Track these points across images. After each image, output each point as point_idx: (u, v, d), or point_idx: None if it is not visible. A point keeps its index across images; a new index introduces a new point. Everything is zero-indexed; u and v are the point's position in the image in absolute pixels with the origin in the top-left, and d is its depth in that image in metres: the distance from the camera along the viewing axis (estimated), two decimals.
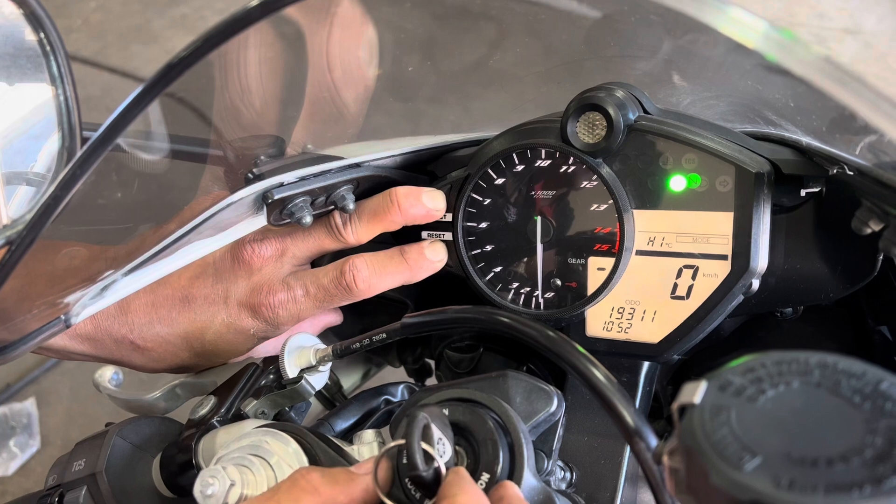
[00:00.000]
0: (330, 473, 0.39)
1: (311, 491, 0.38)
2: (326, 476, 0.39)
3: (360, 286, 0.57)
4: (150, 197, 0.65)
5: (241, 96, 0.59)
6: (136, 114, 0.34)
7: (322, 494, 0.38)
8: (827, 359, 0.29)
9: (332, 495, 0.38)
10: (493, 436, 0.42)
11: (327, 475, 0.39)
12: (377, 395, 0.63)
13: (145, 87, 0.33)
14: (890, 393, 0.27)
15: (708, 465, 0.26)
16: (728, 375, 0.29)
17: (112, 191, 0.63)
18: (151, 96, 0.33)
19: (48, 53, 0.55)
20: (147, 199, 0.64)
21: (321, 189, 0.53)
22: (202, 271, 0.57)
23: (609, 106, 0.53)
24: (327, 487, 0.38)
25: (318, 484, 0.38)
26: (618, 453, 0.56)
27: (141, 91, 0.33)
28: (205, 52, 0.32)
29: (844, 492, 0.24)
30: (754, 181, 0.51)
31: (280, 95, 0.63)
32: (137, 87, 0.36)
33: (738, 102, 0.57)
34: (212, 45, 0.32)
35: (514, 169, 0.57)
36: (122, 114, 0.34)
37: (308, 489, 0.38)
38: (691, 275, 0.53)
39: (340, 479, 0.39)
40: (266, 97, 0.60)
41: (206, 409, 0.53)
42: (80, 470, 0.50)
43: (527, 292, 0.59)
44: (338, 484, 0.38)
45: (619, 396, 0.38)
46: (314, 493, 0.37)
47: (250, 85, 0.59)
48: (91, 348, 0.57)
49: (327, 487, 0.38)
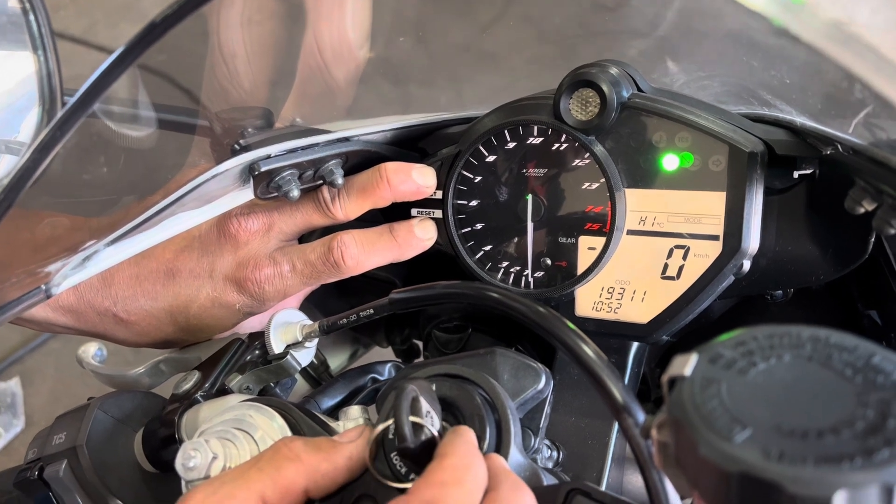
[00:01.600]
0: (313, 442, 0.38)
1: (293, 458, 0.37)
2: (309, 444, 0.38)
3: (348, 263, 0.56)
4: (135, 169, 0.64)
5: (230, 76, 0.58)
6: (116, 75, 0.33)
7: (304, 462, 0.37)
8: (819, 333, 0.28)
9: (314, 463, 0.37)
10: (481, 411, 0.41)
11: (310, 443, 0.38)
12: (364, 373, 0.62)
13: (126, 47, 0.32)
14: (881, 366, 0.27)
15: (697, 436, 0.26)
16: (719, 348, 0.29)
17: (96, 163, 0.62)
18: (133, 57, 0.33)
19: (27, 14, 0.54)
20: (132, 172, 0.63)
21: (309, 162, 0.52)
22: (187, 245, 0.56)
23: (603, 83, 0.52)
24: (310, 455, 0.37)
25: (300, 451, 0.37)
26: (605, 434, 0.55)
27: (122, 52, 0.33)
28: (189, 10, 0.31)
29: (834, 463, 0.23)
30: (747, 161, 0.50)
31: (270, 73, 0.62)
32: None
33: (732, 83, 0.57)
34: (196, 3, 0.31)
35: (505, 146, 0.57)
36: (102, 75, 0.33)
37: (290, 456, 0.37)
38: (682, 255, 0.53)
39: (323, 446, 0.38)
40: (255, 75, 0.60)
41: (189, 383, 0.52)
42: (61, 443, 0.49)
43: (516, 271, 0.58)
44: (321, 451, 0.38)
45: (608, 372, 0.38)
46: (296, 461, 0.37)
47: (238, 66, 0.58)
48: (73, 321, 0.56)
49: (310, 455, 0.37)
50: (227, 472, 0.38)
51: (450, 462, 0.35)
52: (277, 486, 0.37)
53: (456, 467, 0.35)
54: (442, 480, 0.34)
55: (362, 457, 0.39)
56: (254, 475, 0.37)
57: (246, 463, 0.38)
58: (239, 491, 0.36)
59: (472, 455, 0.36)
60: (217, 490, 0.36)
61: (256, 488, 0.36)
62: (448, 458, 0.35)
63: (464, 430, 0.38)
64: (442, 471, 0.35)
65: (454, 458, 0.35)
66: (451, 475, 0.34)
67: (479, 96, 0.60)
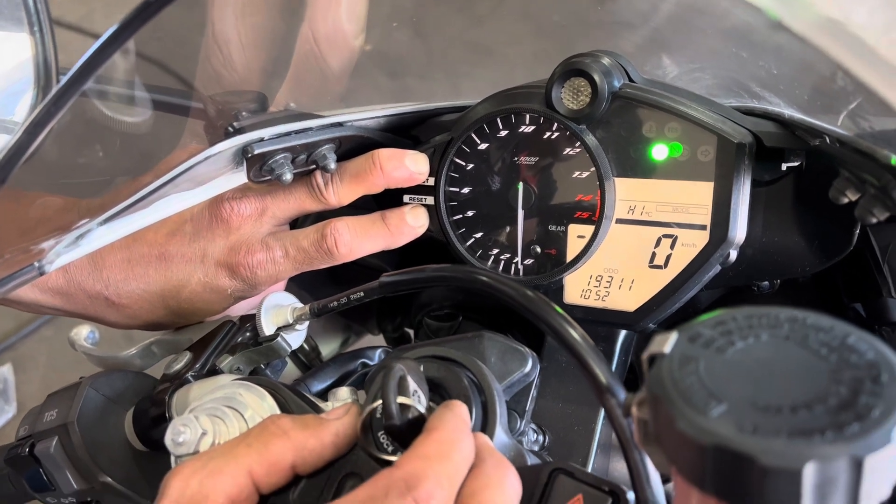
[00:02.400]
0: (301, 419, 0.39)
1: (280, 435, 0.38)
2: (297, 421, 0.39)
3: (341, 250, 0.57)
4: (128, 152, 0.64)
5: (224, 61, 0.58)
6: (111, 52, 0.33)
7: (292, 438, 0.38)
8: (797, 314, 0.29)
9: (302, 439, 0.38)
10: (467, 392, 0.42)
11: (298, 420, 0.39)
12: (354, 358, 0.63)
13: (121, 24, 0.33)
14: (856, 346, 0.27)
15: (674, 411, 0.26)
16: (698, 328, 0.29)
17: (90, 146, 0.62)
18: (127, 34, 0.33)
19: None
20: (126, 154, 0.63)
21: (302, 146, 0.53)
22: (179, 228, 0.56)
23: (594, 72, 0.53)
24: (298, 431, 0.38)
25: (287, 428, 0.38)
26: (591, 420, 0.56)
27: (117, 29, 0.33)
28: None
29: (806, 436, 0.24)
30: (735, 151, 0.51)
31: (265, 60, 0.63)
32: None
33: (722, 75, 0.58)
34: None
35: (497, 134, 0.57)
36: (97, 52, 0.33)
37: (277, 433, 0.38)
38: (670, 244, 0.54)
39: (311, 423, 0.39)
40: (250, 61, 0.60)
41: (180, 364, 0.52)
42: (52, 420, 0.50)
43: (506, 259, 0.59)
44: (308, 428, 0.38)
45: (592, 354, 0.38)
46: (284, 437, 0.37)
47: (232, 54, 0.59)
48: (63, 303, 0.56)
49: (298, 431, 0.38)
50: (216, 448, 0.38)
51: (437, 436, 0.36)
52: (265, 461, 0.37)
53: (443, 441, 0.35)
54: (428, 454, 0.35)
55: (350, 434, 0.40)
56: (242, 450, 0.37)
57: (234, 439, 0.38)
58: (227, 465, 0.37)
59: (460, 430, 0.37)
60: (206, 464, 0.37)
61: (244, 463, 0.37)
62: (436, 432, 0.36)
63: (455, 405, 0.39)
64: (428, 444, 0.35)
65: (442, 432, 0.36)
66: (438, 449, 0.35)
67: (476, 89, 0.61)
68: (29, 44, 0.60)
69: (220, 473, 0.36)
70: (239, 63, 0.59)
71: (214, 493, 0.36)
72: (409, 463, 0.34)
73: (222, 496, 0.36)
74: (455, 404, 0.39)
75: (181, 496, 0.36)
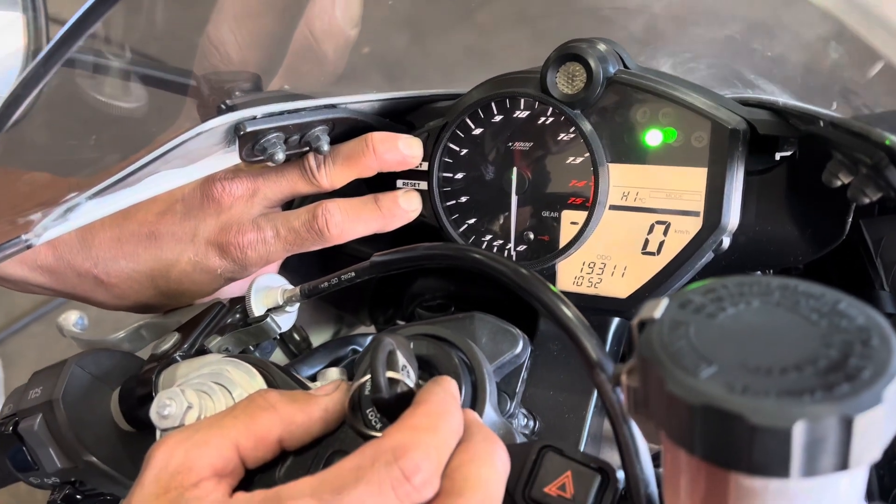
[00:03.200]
0: (289, 393, 0.39)
1: (268, 408, 0.37)
2: (285, 395, 0.38)
3: (332, 231, 0.56)
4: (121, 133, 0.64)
5: (222, 61, 0.58)
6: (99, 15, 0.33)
7: (280, 412, 0.37)
8: (788, 281, 0.29)
9: (290, 413, 0.37)
10: (457, 370, 0.41)
11: (286, 395, 0.38)
12: (345, 344, 0.63)
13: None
14: (847, 311, 0.27)
15: (664, 373, 0.26)
16: (689, 294, 0.29)
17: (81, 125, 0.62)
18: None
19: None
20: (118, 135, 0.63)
21: (295, 127, 0.52)
22: (170, 207, 0.56)
23: (590, 57, 0.53)
24: (285, 405, 0.38)
25: (275, 402, 0.37)
26: (582, 408, 0.56)
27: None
28: None
29: (796, 396, 0.24)
30: (729, 137, 0.51)
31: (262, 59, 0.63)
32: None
33: (717, 64, 0.58)
34: None
35: (492, 119, 0.57)
36: (85, 14, 0.33)
37: (265, 406, 0.37)
38: (663, 230, 0.53)
39: (299, 398, 0.38)
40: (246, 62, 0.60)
41: (168, 344, 0.52)
42: (37, 398, 0.49)
43: (499, 245, 0.59)
44: (296, 402, 0.38)
45: (584, 330, 0.38)
46: (271, 410, 0.37)
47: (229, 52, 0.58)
48: (51, 281, 0.55)
49: (285, 405, 0.38)
50: (202, 420, 0.38)
51: (425, 409, 0.35)
52: (252, 435, 0.37)
53: (431, 413, 0.35)
54: (416, 425, 0.34)
55: (338, 410, 0.39)
56: (228, 422, 0.37)
57: (221, 412, 0.38)
58: (213, 437, 0.36)
59: (449, 403, 0.36)
60: (191, 436, 0.36)
61: (231, 435, 0.36)
62: (424, 404, 0.36)
63: (444, 380, 0.38)
64: (417, 416, 0.35)
65: (430, 405, 0.36)
66: (426, 421, 0.34)
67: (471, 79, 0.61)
68: (21, 22, 0.60)
69: (205, 445, 0.36)
70: (237, 61, 0.59)
71: (199, 465, 0.35)
72: (397, 434, 0.34)
73: (208, 468, 0.35)
74: (444, 379, 0.39)
75: (165, 467, 0.35)
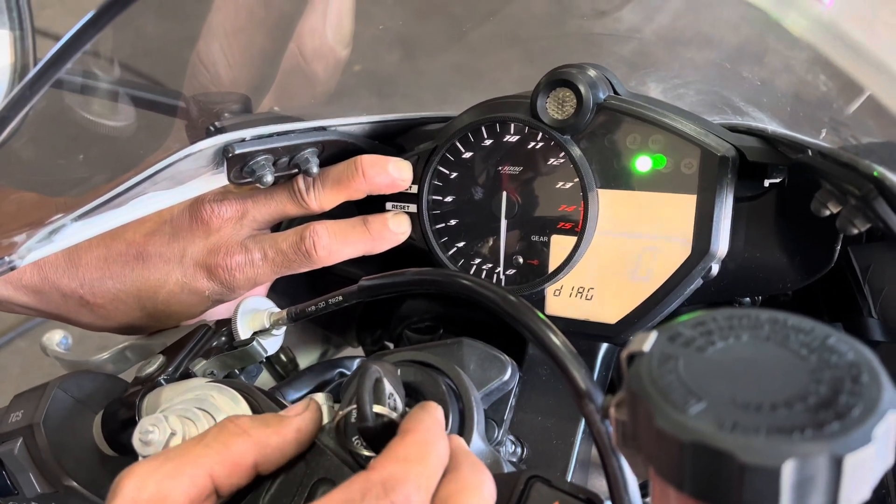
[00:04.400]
0: (259, 417, 0.38)
1: (240, 434, 0.36)
2: (256, 419, 0.38)
3: (319, 253, 0.56)
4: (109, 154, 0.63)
5: (212, 80, 0.58)
6: (89, 37, 0.33)
7: (253, 437, 0.36)
8: (777, 315, 0.29)
9: (264, 437, 0.37)
10: (445, 398, 0.41)
11: (257, 419, 0.38)
12: (332, 367, 0.62)
13: (100, 10, 0.32)
14: (836, 347, 0.27)
15: (653, 408, 0.26)
16: (678, 328, 0.29)
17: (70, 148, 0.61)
18: (106, 20, 0.32)
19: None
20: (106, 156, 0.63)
21: (284, 149, 0.52)
22: (158, 228, 0.55)
23: (580, 83, 0.53)
24: (258, 429, 0.37)
25: (247, 427, 0.37)
26: (570, 434, 0.55)
27: (96, 14, 0.32)
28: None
29: (786, 434, 0.24)
30: (718, 164, 0.51)
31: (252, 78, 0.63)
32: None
33: (707, 90, 0.58)
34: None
35: (482, 143, 0.57)
36: (74, 36, 0.33)
37: (237, 432, 0.36)
38: (652, 256, 0.53)
39: (271, 421, 0.38)
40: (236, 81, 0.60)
41: (153, 367, 0.51)
42: (17, 421, 0.48)
43: (488, 269, 0.58)
44: (269, 426, 0.37)
45: (573, 359, 0.38)
46: (244, 436, 0.36)
47: (219, 71, 0.58)
48: (36, 301, 0.55)
49: (258, 429, 0.37)
50: (171, 449, 0.37)
51: (413, 438, 0.35)
52: (226, 462, 0.36)
53: (418, 443, 0.34)
54: (404, 456, 0.34)
55: (311, 429, 0.39)
56: (200, 451, 0.36)
57: (192, 440, 0.37)
58: (186, 466, 0.35)
59: (435, 432, 0.36)
60: (161, 465, 0.35)
61: (204, 463, 0.35)
62: (411, 433, 0.35)
63: (431, 406, 0.38)
64: (405, 446, 0.34)
65: (417, 434, 0.35)
66: (414, 450, 0.34)
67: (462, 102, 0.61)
68: (8, 40, 0.60)
69: (178, 475, 0.35)
70: (227, 80, 0.59)
71: (173, 495, 0.34)
72: (386, 465, 0.34)
73: (182, 497, 0.34)
74: (430, 405, 0.38)
75: (137, 497, 0.34)
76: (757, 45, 0.47)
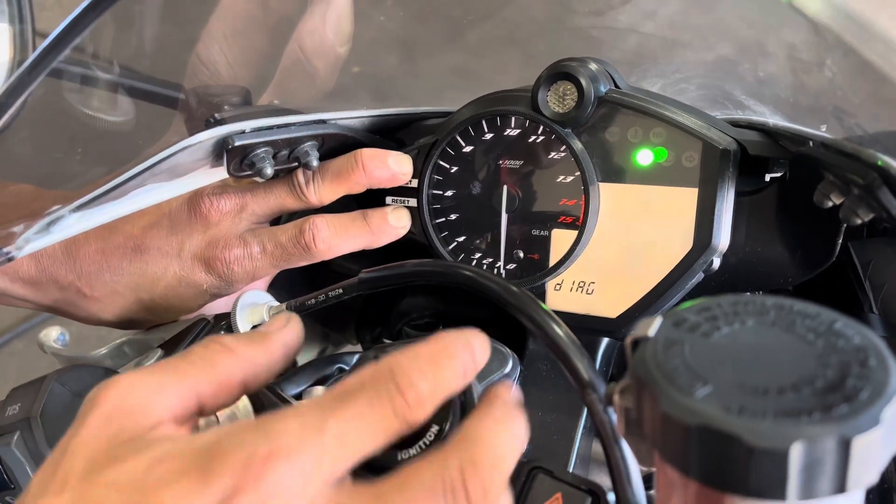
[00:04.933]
0: (244, 335, 0.35)
1: (226, 351, 0.33)
2: (241, 338, 0.35)
3: (319, 246, 0.56)
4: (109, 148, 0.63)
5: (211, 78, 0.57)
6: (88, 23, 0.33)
7: (240, 354, 0.34)
8: (783, 301, 0.29)
9: (251, 354, 0.34)
10: None
11: (241, 337, 0.35)
12: (331, 362, 0.61)
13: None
14: (843, 331, 0.27)
15: (658, 392, 0.25)
16: (683, 313, 0.29)
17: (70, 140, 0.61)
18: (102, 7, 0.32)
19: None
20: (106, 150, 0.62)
21: (284, 142, 0.52)
22: (156, 221, 0.55)
23: (581, 76, 0.53)
24: (244, 347, 0.34)
25: (233, 344, 0.34)
26: (571, 429, 0.55)
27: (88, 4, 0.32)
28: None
29: (793, 417, 0.23)
30: (720, 157, 0.51)
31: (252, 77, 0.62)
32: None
33: (707, 85, 0.58)
34: None
35: (482, 137, 0.57)
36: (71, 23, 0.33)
37: (223, 350, 0.33)
38: (653, 250, 0.53)
39: (257, 338, 0.35)
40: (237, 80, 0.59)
41: (151, 361, 0.51)
42: (14, 415, 0.48)
43: (489, 263, 0.58)
44: (255, 342, 0.35)
45: (575, 350, 0.38)
46: (230, 354, 0.34)
47: (219, 70, 0.58)
48: (33, 293, 0.54)
49: (244, 347, 0.34)
50: (154, 365, 0.33)
51: (430, 345, 0.33)
52: (213, 380, 0.33)
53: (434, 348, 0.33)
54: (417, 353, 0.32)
55: (296, 343, 0.37)
56: (185, 368, 0.32)
57: (173, 357, 0.33)
58: (171, 382, 0.31)
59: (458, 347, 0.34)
60: (146, 377, 0.31)
61: (191, 382, 0.32)
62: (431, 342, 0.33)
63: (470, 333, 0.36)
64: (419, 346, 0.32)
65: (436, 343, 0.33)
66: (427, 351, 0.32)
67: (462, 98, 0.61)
68: (8, 35, 0.59)
69: (164, 388, 0.31)
70: (227, 79, 0.58)
71: (158, 407, 0.30)
72: (397, 355, 0.32)
73: (167, 411, 0.31)
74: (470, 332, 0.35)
75: (119, 405, 0.30)
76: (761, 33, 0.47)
